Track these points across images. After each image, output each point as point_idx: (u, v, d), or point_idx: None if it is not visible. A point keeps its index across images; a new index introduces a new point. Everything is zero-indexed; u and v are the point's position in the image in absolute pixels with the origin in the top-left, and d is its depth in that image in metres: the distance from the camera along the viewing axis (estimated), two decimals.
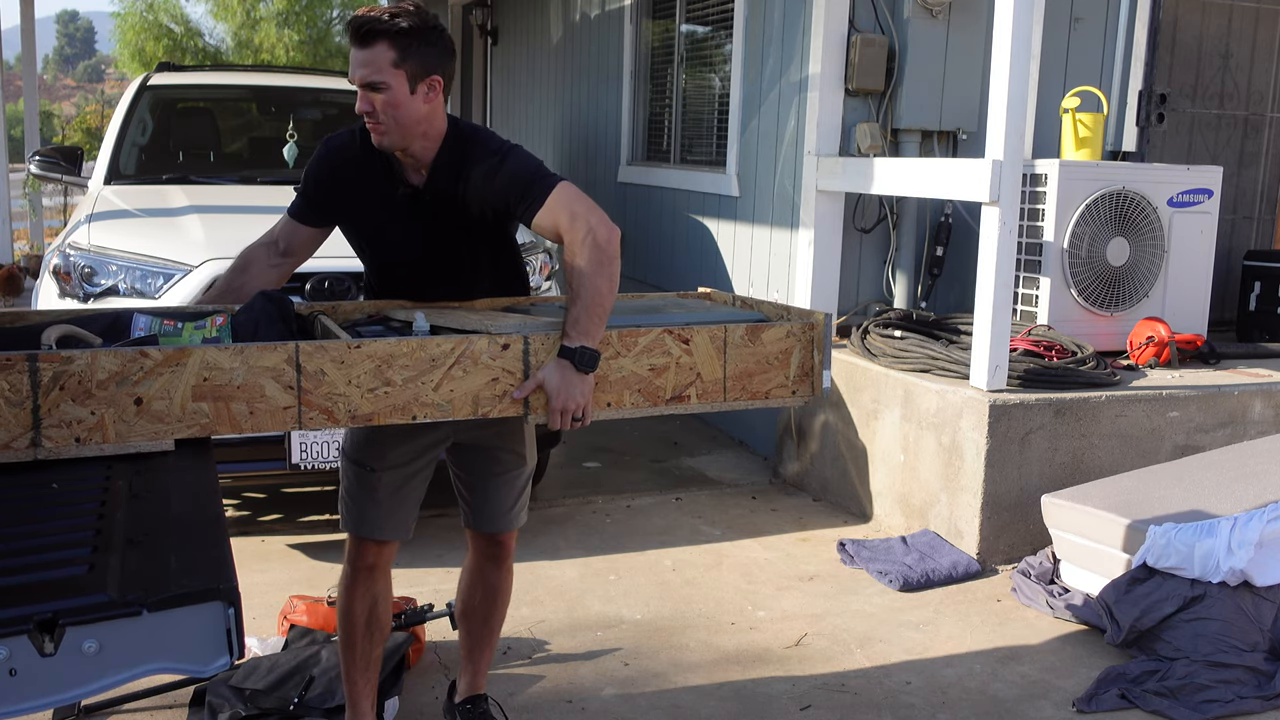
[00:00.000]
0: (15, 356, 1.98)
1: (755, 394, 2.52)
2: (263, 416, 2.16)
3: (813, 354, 2.55)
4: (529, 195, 2.41)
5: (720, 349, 2.47)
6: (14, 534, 1.65)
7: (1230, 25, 5.97)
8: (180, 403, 2.09)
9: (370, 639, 2.71)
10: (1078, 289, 4.82)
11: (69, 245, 4.30)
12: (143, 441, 2.08)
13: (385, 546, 2.70)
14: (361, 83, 2.38)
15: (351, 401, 2.21)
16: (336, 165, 2.59)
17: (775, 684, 3.27)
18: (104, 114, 24.48)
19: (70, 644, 1.41)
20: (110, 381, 2.04)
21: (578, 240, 2.34)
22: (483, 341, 2.28)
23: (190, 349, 2.10)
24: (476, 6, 10.99)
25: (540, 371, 2.31)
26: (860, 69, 5.08)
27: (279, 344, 2.16)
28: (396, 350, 2.22)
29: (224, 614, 1.47)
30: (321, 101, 6.17)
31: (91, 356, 2.03)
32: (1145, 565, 3.52)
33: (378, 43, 2.35)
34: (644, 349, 2.42)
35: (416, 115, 2.41)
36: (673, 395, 2.45)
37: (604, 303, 2.32)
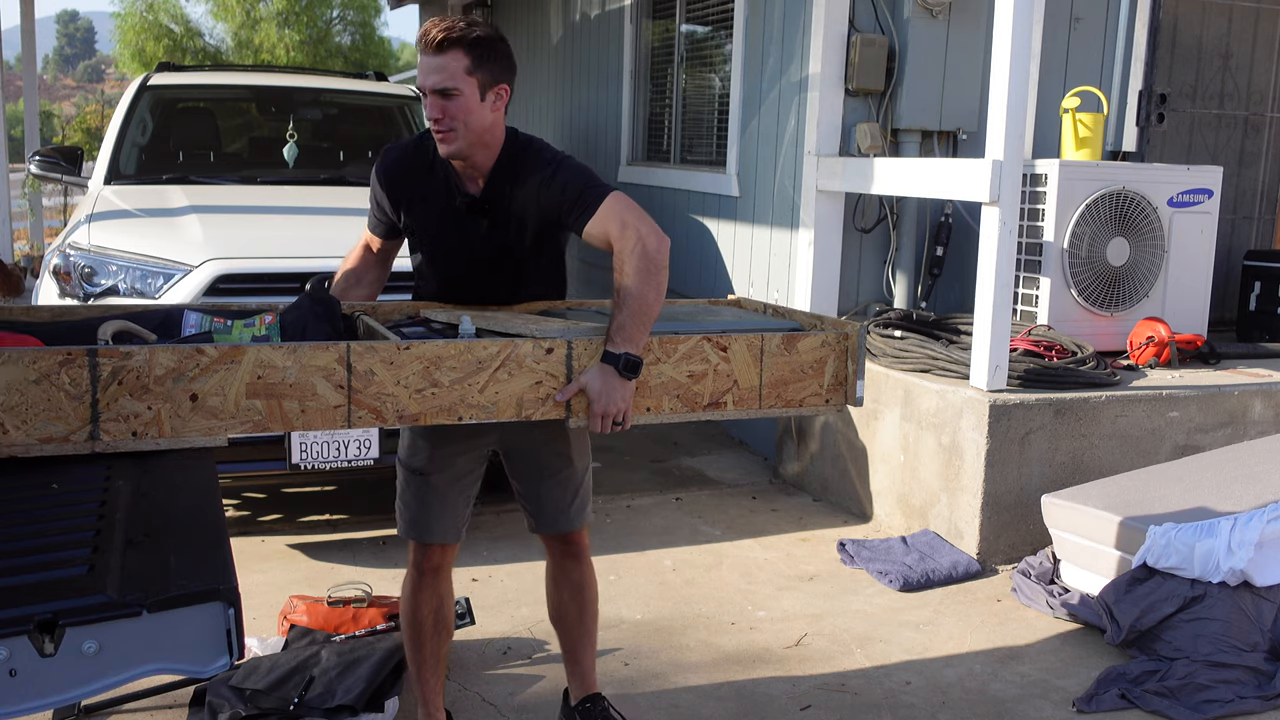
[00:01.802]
0: (76, 351, 2.03)
1: (790, 402, 2.57)
2: (314, 415, 2.20)
3: (846, 363, 2.60)
4: (581, 204, 2.46)
5: (757, 357, 2.52)
6: (14, 534, 1.65)
7: (1230, 25, 5.97)
8: (234, 400, 2.14)
9: (438, 638, 2.76)
10: (1078, 289, 4.82)
11: (69, 245, 4.30)
12: (197, 437, 2.12)
13: (446, 550, 2.74)
14: (434, 89, 2.42)
15: (400, 402, 2.25)
16: (395, 175, 2.65)
17: (775, 684, 3.27)
18: (104, 114, 24.49)
19: (70, 644, 1.41)
20: (167, 377, 2.08)
21: (627, 249, 2.38)
22: (527, 345, 2.32)
23: (245, 347, 2.14)
24: (476, 6, 10.99)
25: (583, 375, 2.36)
26: (860, 69, 5.08)
27: (331, 344, 2.20)
28: (444, 352, 2.26)
29: (224, 614, 1.47)
30: (321, 101, 6.17)
31: (150, 353, 2.08)
32: (1145, 565, 3.52)
33: (452, 50, 2.41)
34: (683, 355, 2.46)
35: (484, 123, 2.48)
36: (710, 402, 2.50)
37: (650, 311, 2.37)
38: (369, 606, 3.33)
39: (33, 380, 2.00)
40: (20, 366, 1.99)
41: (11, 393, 1.99)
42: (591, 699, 2.90)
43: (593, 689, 2.92)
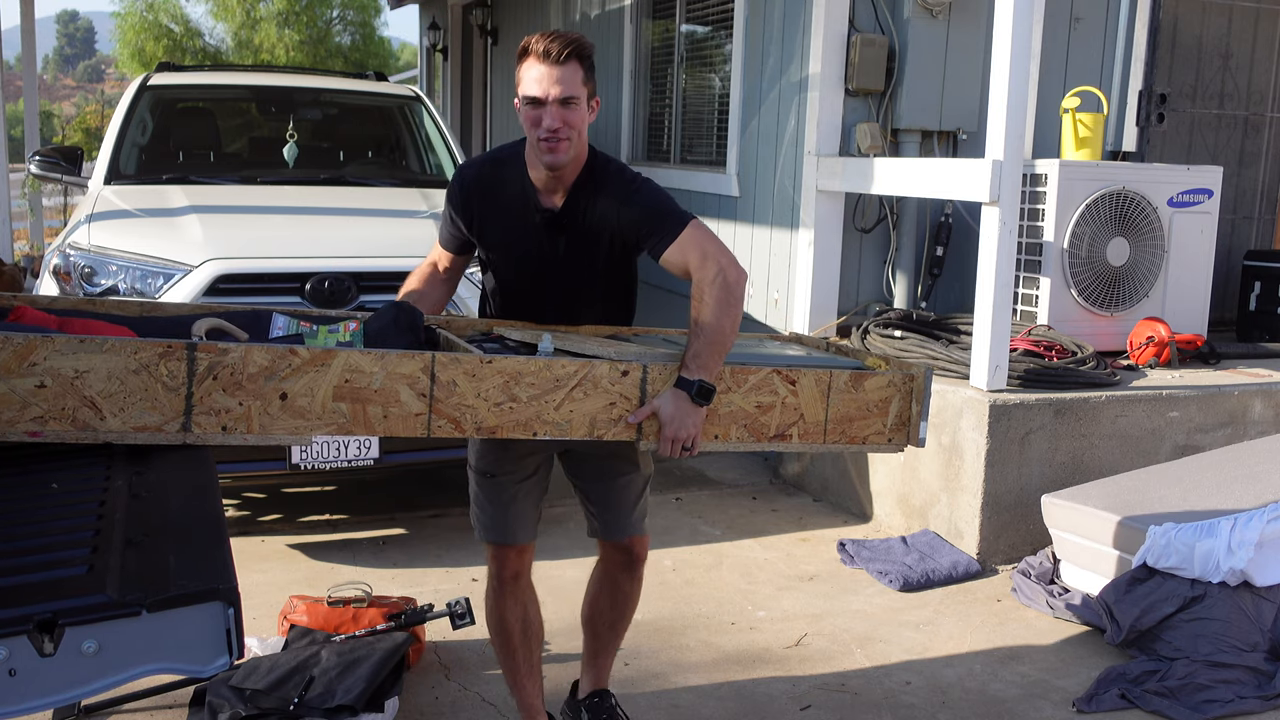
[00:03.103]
0: (176, 344, 2.09)
1: (853, 438, 2.61)
2: (395, 421, 2.24)
3: (910, 404, 2.63)
4: (661, 230, 2.50)
5: (824, 393, 2.56)
6: (14, 534, 1.65)
7: (1230, 25, 5.97)
8: (322, 401, 2.19)
9: (528, 644, 2.78)
10: (1078, 289, 4.82)
11: (69, 245, 4.29)
12: (284, 435, 2.18)
13: (524, 553, 2.74)
14: (559, 98, 2.45)
15: (479, 414, 2.30)
16: (474, 191, 2.66)
17: (775, 684, 3.27)
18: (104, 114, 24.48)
19: (70, 644, 1.41)
20: (260, 375, 2.14)
21: (707, 279, 2.43)
22: (604, 366, 2.37)
23: (336, 351, 2.19)
24: (476, 6, 10.99)
25: (656, 399, 2.40)
26: (860, 69, 5.08)
27: (417, 353, 2.25)
28: (525, 368, 2.31)
29: (224, 614, 1.47)
30: (321, 101, 6.16)
31: (245, 350, 2.13)
32: (1145, 565, 3.52)
33: (573, 62, 2.45)
34: (753, 387, 2.50)
35: (585, 134, 2.54)
36: (776, 433, 2.54)
37: (726, 341, 2.42)
38: (369, 606, 3.33)
39: (133, 370, 2.06)
40: (122, 356, 2.06)
41: (111, 380, 2.05)
42: (600, 694, 2.92)
43: (604, 684, 2.94)
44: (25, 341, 2.01)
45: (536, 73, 2.46)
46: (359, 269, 4.25)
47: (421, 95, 6.28)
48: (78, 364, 2.04)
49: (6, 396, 2.00)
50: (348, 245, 4.44)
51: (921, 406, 2.62)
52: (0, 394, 2.00)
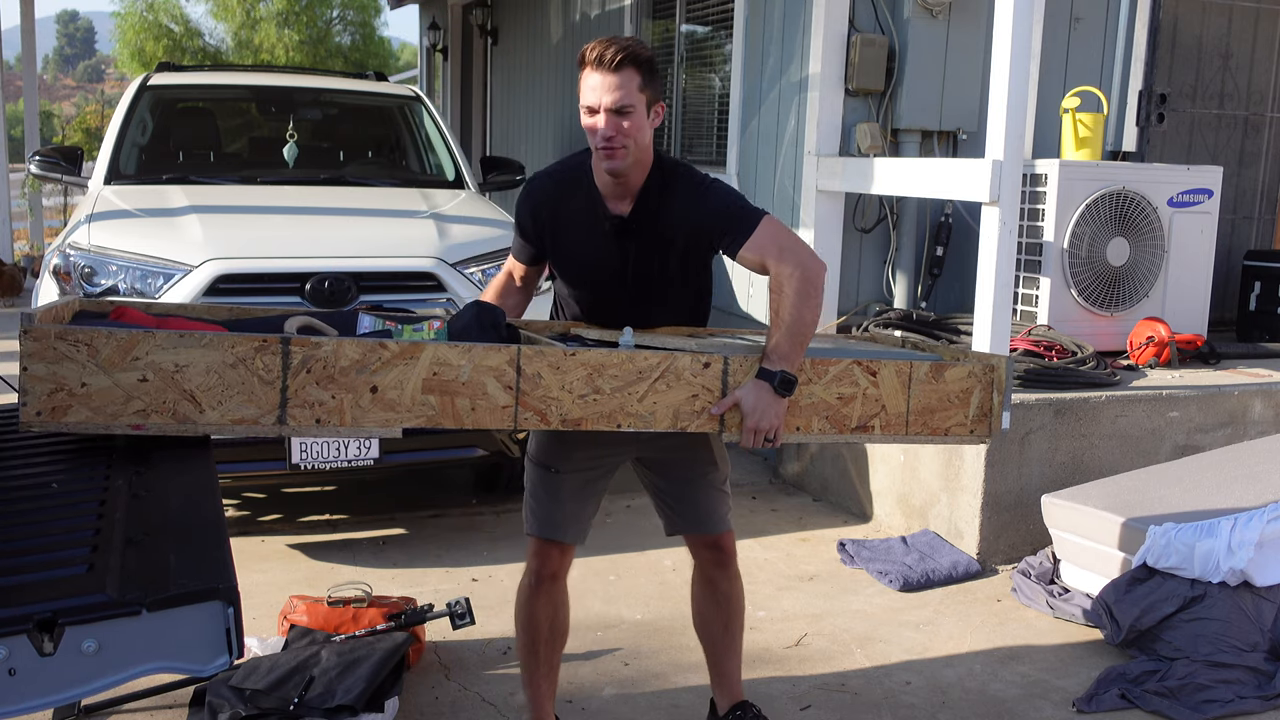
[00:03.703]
0: (271, 338, 2.15)
1: (935, 430, 2.62)
2: (483, 413, 2.29)
3: (992, 395, 2.64)
4: (736, 229, 2.51)
5: (905, 384, 2.57)
6: (14, 534, 1.65)
7: (1230, 25, 5.97)
8: (411, 394, 2.24)
9: (553, 645, 2.77)
10: (1078, 289, 4.82)
11: (69, 245, 4.29)
12: (374, 428, 2.23)
13: (566, 553, 2.74)
14: (612, 107, 2.45)
15: (564, 406, 2.33)
16: (542, 202, 2.67)
17: (775, 684, 3.27)
18: (104, 114, 24.49)
19: (70, 644, 1.41)
20: (351, 369, 2.20)
21: (786, 273, 2.44)
22: (686, 359, 2.39)
23: (424, 344, 2.24)
24: (476, 6, 10.99)
25: (738, 391, 2.42)
26: (860, 69, 5.08)
27: (503, 346, 2.29)
28: (608, 361, 2.34)
29: (223, 614, 1.47)
30: (321, 101, 6.16)
31: (336, 344, 2.19)
32: (1145, 565, 3.52)
33: (628, 68, 2.45)
34: (834, 378, 2.52)
35: (647, 140, 2.53)
36: (858, 424, 2.55)
37: (807, 333, 2.44)
38: (369, 606, 3.33)
39: (230, 364, 2.12)
40: (220, 350, 2.12)
41: (210, 374, 2.12)
42: (740, 706, 2.88)
43: (739, 697, 2.90)
44: (128, 336, 2.07)
45: (591, 81, 2.47)
46: (359, 269, 4.25)
47: (421, 95, 6.28)
48: (177, 358, 2.10)
49: (110, 390, 2.06)
50: (348, 245, 4.44)
51: (1003, 396, 2.63)
52: (104, 388, 2.06)
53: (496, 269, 4.50)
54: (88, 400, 2.06)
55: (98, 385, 2.06)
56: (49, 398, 2.04)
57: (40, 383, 2.03)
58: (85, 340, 2.05)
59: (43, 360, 2.03)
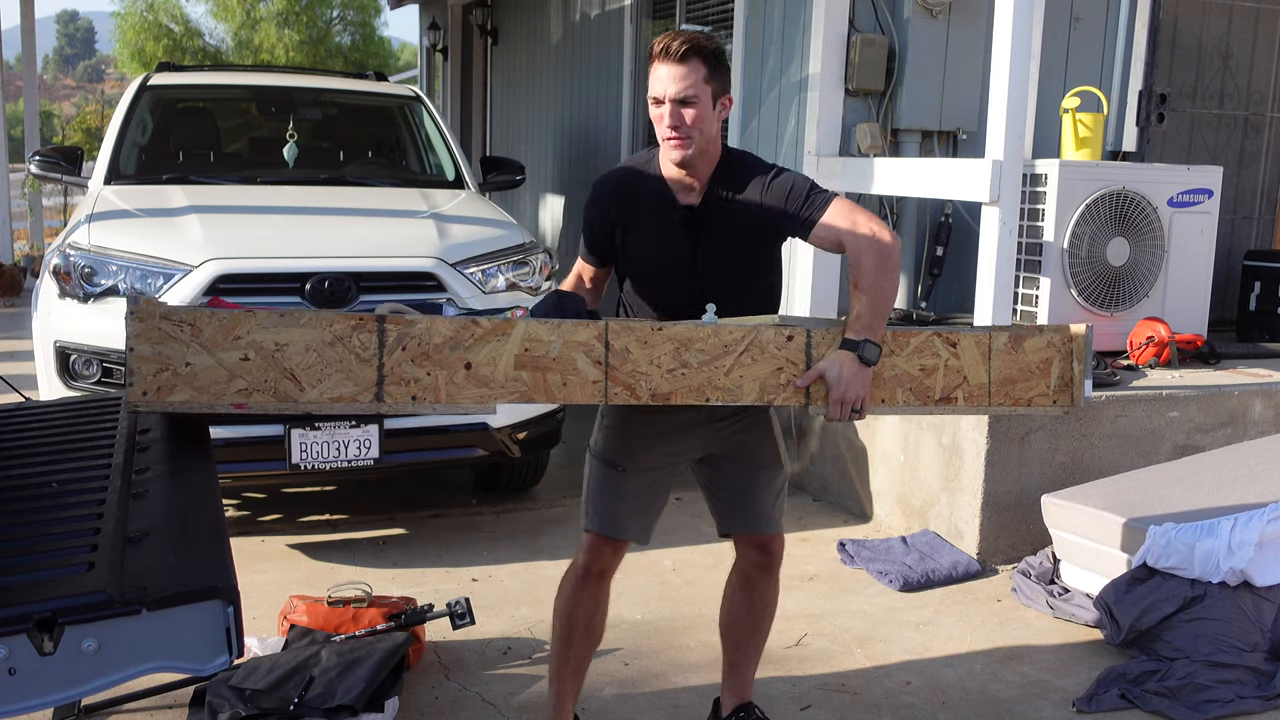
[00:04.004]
0: (367, 317, 2.19)
1: (1018, 400, 2.62)
2: (574, 389, 2.32)
3: (1072, 365, 2.64)
4: (809, 208, 2.54)
5: (985, 354, 2.58)
6: (14, 534, 1.65)
7: (1230, 25, 5.97)
8: (504, 370, 2.27)
9: (586, 643, 2.76)
10: (1078, 289, 4.82)
11: (69, 245, 4.29)
12: (469, 404, 2.26)
13: (619, 551, 2.73)
14: (676, 97, 2.47)
15: (652, 380, 2.35)
16: (611, 199, 2.68)
17: (775, 684, 3.27)
18: (104, 114, 24.50)
19: (69, 643, 1.41)
20: (445, 345, 2.23)
21: (863, 246, 2.46)
22: (770, 332, 2.41)
23: (515, 320, 2.27)
24: (476, 6, 10.98)
25: (822, 362, 2.44)
26: (860, 69, 5.08)
27: (591, 321, 2.32)
28: (694, 335, 2.36)
29: (223, 613, 1.47)
30: (321, 101, 6.17)
31: (430, 321, 2.23)
32: (1145, 565, 3.52)
33: (692, 60, 2.47)
34: (915, 349, 2.53)
35: (713, 131, 2.54)
36: (941, 396, 2.57)
37: (887, 303, 2.46)
38: (369, 606, 3.33)
39: (328, 342, 2.16)
40: (318, 329, 2.16)
41: (309, 352, 2.15)
42: (745, 708, 2.88)
43: (747, 699, 2.90)
44: (230, 316, 2.11)
45: (658, 73, 2.49)
46: (359, 269, 4.24)
47: (421, 95, 6.28)
48: (278, 337, 2.13)
49: (213, 370, 2.10)
50: (348, 245, 4.44)
51: (1084, 366, 2.63)
52: (208, 367, 2.10)
53: (497, 269, 4.51)
54: (192, 380, 2.10)
55: (201, 365, 2.09)
56: (154, 378, 2.07)
57: (146, 363, 2.06)
58: (189, 320, 2.09)
59: (148, 340, 2.06)
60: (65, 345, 4.13)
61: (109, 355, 4.07)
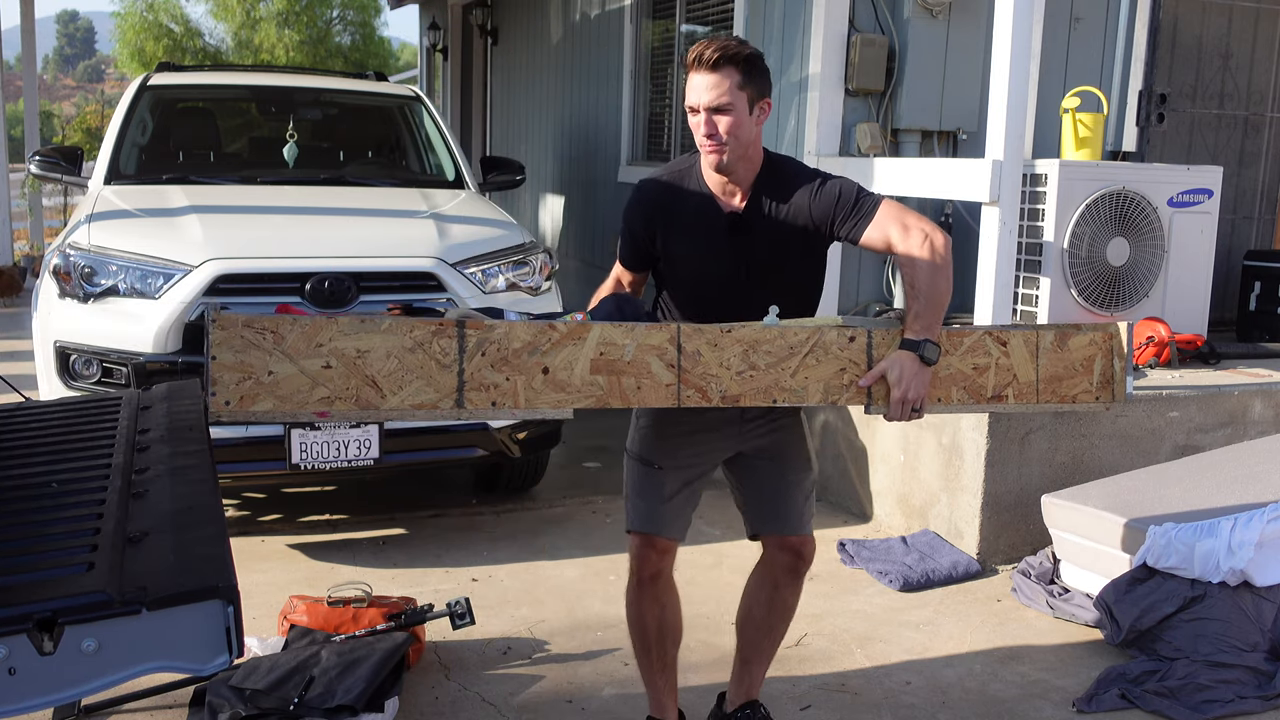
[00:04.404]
0: (447, 321, 2.18)
1: (1064, 397, 2.67)
2: (648, 392, 2.33)
3: (1113, 361, 2.69)
4: (858, 212, 2.57)
5: (1033, 352, 2.63)
6: (14, 534, 1.65)
7: (1230, 25, 5.97)
8: (580, 374, 2.27)
9: (663, 644, 2.77)
10: (1078, 289, 4.82)
11: (69, 245, 4.29)
12: (546, 409, 2.26)
13: (667, 553, 2.73)
14: (710, 105, 2.49)
15: (722, 382, 2.37)
16: (654, 206, 2.69)
17: (775, 684, 3.27)
18: (104, 114, 24.49)
19: (69, 643, 1.40)
20: (523, 350, 2.23)
21: (916, 246, 2.49)
22: (833, 333, 2.46)
23: (591, 324, 2.28)
24: (476, 6, 10.99)
25: (884, 362, 2.47)
26: (860, 69, 5.08)
27: (663, 325, 2.33)
28: (762, 336, 2.39)
29: (223, 613, 1.47)
30: (321, 101, 6.17)
31: (509, 326, 2.23)
32: (1145, 565, 3.52)
33: (726, 67, 2.49)
34: (968, 349, 2.58)
35: (750, 136, 2.55)
36: (993, 394, 2.62)
37: (943, 302, 2.50)
38: (369, 606, 3.33)
39: (408, 348, 2.15)
40: (399, 335, 2.14)
41: (390, 359, 2.14)
42: (750, 705, 2.88)
43: (755, 696, 2.90)
44: (312, 322, 2.09)
45: (693, 81, 2.51)
46: (359, 269, 4.24)
47: (421, 95, 6.28)
48: (359, 344, 2.12)
49: (296, 378, 2.08)
50: (348, 245, 4.44)
51: (1125, 362, 2.69)
52: (290, 375, 2.08)
53: (497, 269, 4.51)
54: (274, 389, 2.08)
55: (284, 372, 2.07)
56: (237, 387, 2.05)
57: (228, 371, 2.04)
58: (271, 327, 2.06)
59: (230, 348, 2.03)
60: (65, 345, 4.13)
61: (109, 355, 4.07)
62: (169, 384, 2.73)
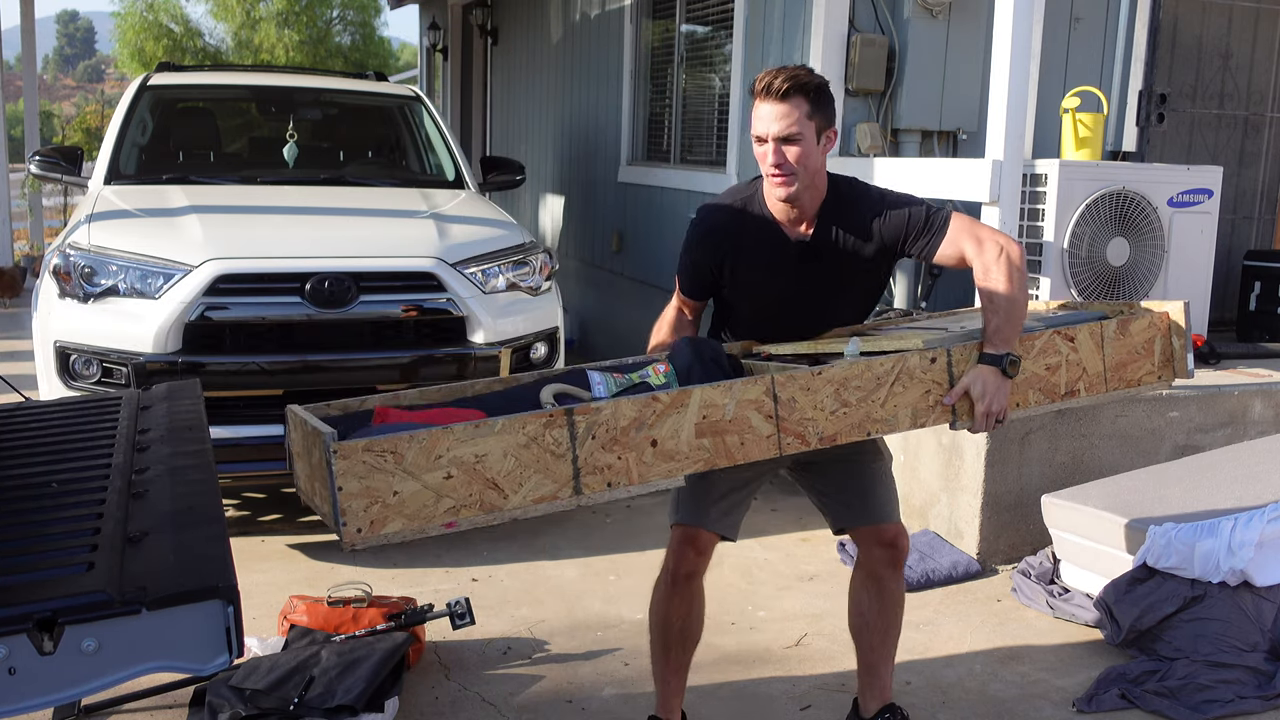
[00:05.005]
0: (557, 412, 2.15)
1: (1130, 382, 2.72)
2: (751, 446, 2.33)
3: (1172, 340, 2.74)
4: (929, 230, 2.60)
5: (1099, 344, 2.67)
6: (14, 533, 1.65)
7: (1230, 25, 5.97)
8: (687, 440, 2.26)
9: (683, 645, 2.77)
10: (1078, 289, 4.82)
11: (69, 245, 4.29)
12: (659, 480, 2.25)
13: (705, 553, 2.72)
14: (779, 136, 2.50)
15: (818, 424, 2.38)
16: (718, 235, 2.70)
17: (775, 684, 3.27)
18: (104, 114, 24.49)
19: (69, 643, 1.40)
20: (631, 427, 2.21)
21: (992, 259, 2.52)
22: (915, 358, 2.46)
23: (691, 390, 2.26)
24: (476, 6, 10.99)
25: (965, 378, 2.49)
26: (860, 69, 5.08)
27: (758, 377, 2.33)
28: (850, 373, 2.40)
29: (223, 612, 1.47)
30: (321, 101, 6.17)
31: (614, 405, 2.20)
32: (1145, 565, 3.52)
33: (795, 97, 2.49)
34: (1040, 350, 2.61)
35: (817, 165, 2.56)
36: (1066, 390, 2.65)
37: (1022, 313, 2.53)
38: (369, 606, 3.33)
39: (523, 445, 2.12)
40: (513, 433, 2.12)
41: (507, 458, 2.12)
42: (889, 709, 2.86)
43: (889, 699, 2.88)
44: (429, 436, 2.06)
45: (761, 111, 2.51)
46: (359, 269, 4.25)
47: (421, 95, 6.28)
48: (476, 449, 2.09)
49: (420, 494, 2.06)
50: (348, 245, 4.44)
51: (1184, 340, 2.73)
52: (415, 492, 2.05)
53: (497, 269, 4.51)
54: (401, 508, 2.05)
55: (408, 490, 2.05)
56: (365, 513, 2.02)
57: (356, 499, 2.01)
58: (390, 448, 2.03)
59: (354, 476, 2.01)
60: (65, 345, 4.13)
61: (109, 355, 4.07)
62: (169, 384, 2.74)
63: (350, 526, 2.02)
